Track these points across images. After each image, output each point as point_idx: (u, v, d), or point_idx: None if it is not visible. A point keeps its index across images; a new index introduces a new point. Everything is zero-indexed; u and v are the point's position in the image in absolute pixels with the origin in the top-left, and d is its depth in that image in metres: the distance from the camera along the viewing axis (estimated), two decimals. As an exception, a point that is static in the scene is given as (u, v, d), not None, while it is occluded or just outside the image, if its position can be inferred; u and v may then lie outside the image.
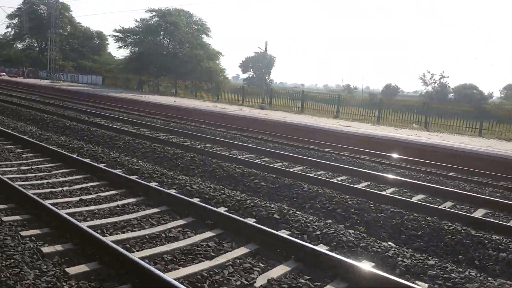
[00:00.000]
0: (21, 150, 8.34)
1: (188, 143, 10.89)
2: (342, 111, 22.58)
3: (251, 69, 78.63)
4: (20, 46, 64.56)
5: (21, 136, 9.48)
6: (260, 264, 3.90)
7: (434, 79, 70.97)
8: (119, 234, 4.34)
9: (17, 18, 61.31)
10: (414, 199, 6.80)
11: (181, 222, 4.86)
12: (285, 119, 17.54)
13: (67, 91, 29.11)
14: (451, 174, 9.64)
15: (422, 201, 6.64)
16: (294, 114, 21.71)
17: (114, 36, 41.18)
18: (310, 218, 5.32)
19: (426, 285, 3.83)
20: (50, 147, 8.36)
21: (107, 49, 61.24)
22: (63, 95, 25.97)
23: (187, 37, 37.26)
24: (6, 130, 10.30)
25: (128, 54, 42.26)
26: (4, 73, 44.39)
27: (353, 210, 5.85)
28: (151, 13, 38.19)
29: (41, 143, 8.68)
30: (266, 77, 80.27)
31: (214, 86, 31.23)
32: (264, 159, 9.53)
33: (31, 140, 8.99)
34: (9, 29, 61.35)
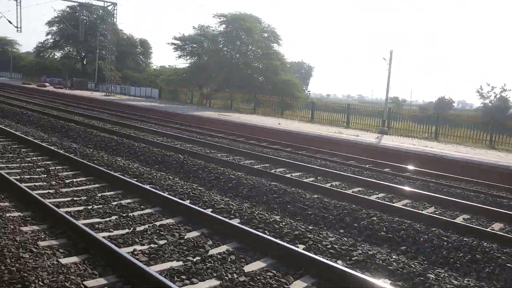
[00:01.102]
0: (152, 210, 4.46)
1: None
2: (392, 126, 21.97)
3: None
4: (58, 54, 61.99)
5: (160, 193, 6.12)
6: None
7: (495, 93, 65.77)
8: None
9: (56, 25, 58.79)
10: None
11: None
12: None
13: (135, 107, 25.51)
14: None
15: None
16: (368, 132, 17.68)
17: (173, 44, 37.68)
18: None
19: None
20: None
21: (151, 58, 58.11)
22: (138, 114, 22.34)
23: (262, 45, 33.39)
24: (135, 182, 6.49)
25: (188, 64, 38.67)
26: (47, 84, 41.19)
27: None
28: (220, 18, 34.46)
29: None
30: (304, 88, 76.32)
31: (307, 102, 27.40)
32: None
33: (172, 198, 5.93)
34: (49, 37, 58.73)
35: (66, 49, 60.42)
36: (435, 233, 5.75)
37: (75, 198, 6.11)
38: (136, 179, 7.47)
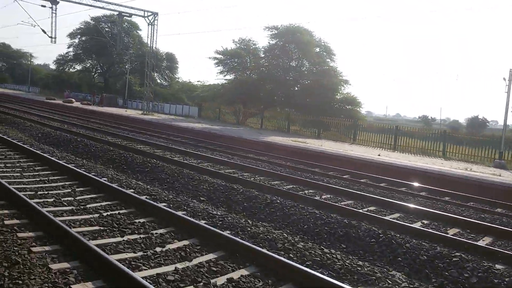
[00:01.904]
0: None
1: None
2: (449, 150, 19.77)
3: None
4: (78, 67, 58.77)
5: None
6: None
7: (537, 111, 61.59)
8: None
9: (78, 37, 55.86)
10: None
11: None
12: None
13: (188, 130, 21.89)
14: None
15: None
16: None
17: (215, 58, 34.37)
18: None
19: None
20: None
21: (178, 73, 54.89)
22: (200, 139, 18.71)
23: (318, 61, 29.87)
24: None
25: (225, 80, 35.35)
26: (73, 99, 37.78)
27: None
28: (271, 31, 31.04)
29: None
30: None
31: (383, 127, 23.79)
32: None
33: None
34: (71, 49, 55.69)
35: (87, 62, 57.29)
36: None
37: None
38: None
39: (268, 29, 31.28)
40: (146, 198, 6.72)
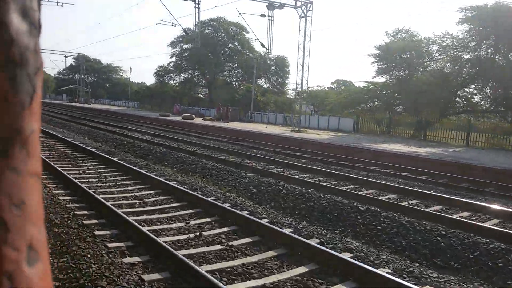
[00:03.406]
0: None
1: None
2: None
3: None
4: (177, 79, 54.11)
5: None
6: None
7: None
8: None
9: (179, 46, 51.29)
10: None
11: None
12: None
13: (420, 160, 14.18)
14: None
15: None
16: None
17: (375, 55, 26.74)
18: None
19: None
20: None
21: (288, 78, 48.01)
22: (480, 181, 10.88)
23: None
24: None
25: (387, 80, 27.54)
26: (193, 115, 31.97)
27: None
28: (465, 12, 22.69)
29: None
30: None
31: None
32: None
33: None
34: (173, 59, 51.27)
35: (188, 72, 52.44)
36: None
37: None
38: None
39: (463, 11, 22.82)
40: None
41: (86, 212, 6.29)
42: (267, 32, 27.39)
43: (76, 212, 6.24)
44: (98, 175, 9.39)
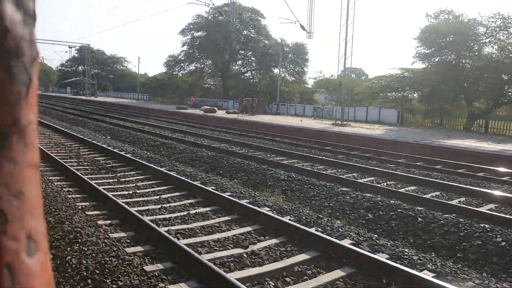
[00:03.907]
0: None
1: None
2: None
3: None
4: (188, 69, 51.21)
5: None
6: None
7: None
8: None
9: (191, 34, 48.42)
10: None
11: None
12: None
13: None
14: None
15: None
16: None
17: (419, 39, 24.11)
18: None
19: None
20: None
21: (307, 66, 45.23)
22: None
23: None
24: None
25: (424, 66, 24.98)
26: (215, 108, 29.34)
27: None
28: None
29: None
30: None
31: None
32: None
33: None
34: (185, 48, 48.46)
35: (200, 62, 49.62)
36: None
37: None
38: None
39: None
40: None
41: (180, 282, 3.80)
42: (307, 13, 24.81)
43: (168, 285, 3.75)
44: (156, 197, 6.90)
